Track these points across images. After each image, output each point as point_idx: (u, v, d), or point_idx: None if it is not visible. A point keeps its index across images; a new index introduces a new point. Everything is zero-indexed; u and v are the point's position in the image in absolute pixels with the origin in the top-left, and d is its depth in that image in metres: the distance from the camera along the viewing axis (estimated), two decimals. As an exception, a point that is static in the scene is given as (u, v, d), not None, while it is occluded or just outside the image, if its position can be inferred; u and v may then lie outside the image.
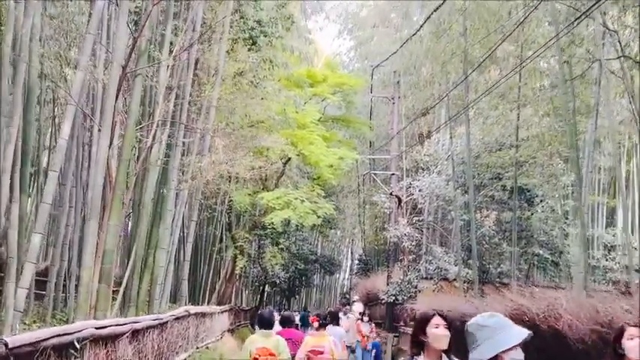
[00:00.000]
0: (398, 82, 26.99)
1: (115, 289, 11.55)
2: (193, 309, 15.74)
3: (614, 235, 25.98)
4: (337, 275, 55.71)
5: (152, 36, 12.30)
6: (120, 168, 9.40)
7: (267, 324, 7.49)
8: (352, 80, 28.84)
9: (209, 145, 15.43)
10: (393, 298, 23.72)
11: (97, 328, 6.89)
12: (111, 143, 9.15)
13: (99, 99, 11.49)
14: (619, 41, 12.87)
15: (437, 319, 3.67)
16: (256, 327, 10.14)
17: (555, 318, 9.24)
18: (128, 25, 9.47)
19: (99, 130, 9.52)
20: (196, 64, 15.28)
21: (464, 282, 21.62)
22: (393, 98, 26.89)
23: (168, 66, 11.66)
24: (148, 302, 13.87)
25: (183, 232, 18.22)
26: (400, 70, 26.81)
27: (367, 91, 30.33)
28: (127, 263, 12.68)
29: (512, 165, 22.46)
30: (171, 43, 12.52)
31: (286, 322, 8.51)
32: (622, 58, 13.16)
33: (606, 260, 24.00)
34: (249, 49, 17.39)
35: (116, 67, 9.03)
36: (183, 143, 15.47)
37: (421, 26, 16.77)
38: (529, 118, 20.78)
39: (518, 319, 10.29)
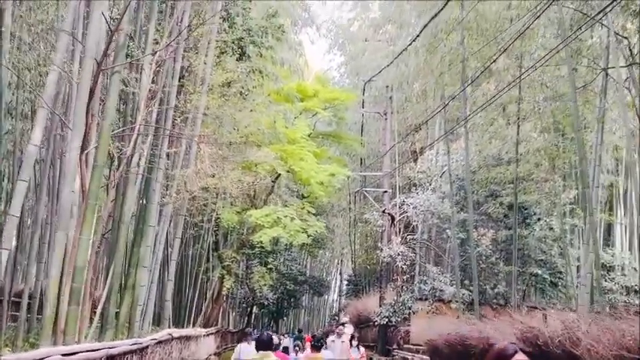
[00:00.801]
0: (390, 97, 26.32)
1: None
2: (177, 332, 14.88)
3: (612, 255, 25.21)
4: (326, 296, 54.69)
5: (134, 33, 11.50)
6: (94, 175, 8.49)
7: (266, 346, 6.52)
8: (343, 95, 28.13)
9: (195, 155, 14.52)
10: (386, 320, 22.82)
11: (64, 355, 6.03)
12: (84, 148, 8.27)
13: (74, 100, 10.63)
14: (629, 48, 12.20)
15: (520, 357, 2.79)
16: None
17: (573, 342, 8.41)
18: (106, 20, 8.65)
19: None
20: (183, 72, 14.49)
21: (460, 303, 20.81)
22: (385, 114, 26.19)
23: (151, 69, 10.84)
24: (129, 325, 12.93)
25: (167, 250, 17.28)
26: (393, 84, 26.14)
27: (359, 106, 29.64)
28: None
29: (509, 182, 21.78)
30: (156, 43, 11.71)
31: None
32: (632, 66, 12.47)
33: (605, 281, 23.22)
34: (237, 59, 16.63)
35: (89, 61, 8.18)
36: (168, 155, 14.63)
37: (416, 37, 16.09)
38: (527, 133, 20.10)
39: (531, 342, 9.47)
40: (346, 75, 38.90)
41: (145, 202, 13.25)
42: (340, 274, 51.96)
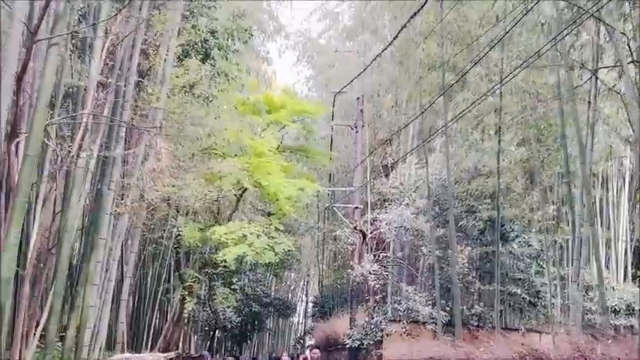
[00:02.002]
0: (361, 109, 25.26)
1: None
2: (133, 357, 13.45)
3: (590, 274, 24.39)
4: (292, 319, 53.18)
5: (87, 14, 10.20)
6: (24, 167, 7.14)
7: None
8: (312, 108, 27.06)
9: (154, 155, 13.11)
10: (358, 342, 21.50)
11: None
12: (13, 136, 6.94)
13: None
14: (628, 45, 11.31)
15: None
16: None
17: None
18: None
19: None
20: (142, 69, 13.23)
21: (435, 324, 19.72)
22: (356, 127, 25.10)
23: (101, 55, 9.56)
24: (75, 350, 11.47)
25: (123, 267, 15.82)
26: (364, 96, 25.12)
27: (328, 120, 28.60)
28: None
29: (486, 197, 20.88)
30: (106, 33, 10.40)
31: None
32: (629, 66, 11.57)
33: (585, 301, 22.38)
34: (201, 60, 15.42)
35: (17, 26, 6.86)
36: (124, 161, 13.28)
37: (392, 41, 15.11)
38: (506, 144, 19.23)
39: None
40: (315, 88, 37.91)
41: (95, 211, 11.83)
42: (306, 295, 50.68)
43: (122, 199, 12.79)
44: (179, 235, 21.93)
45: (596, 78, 13.10)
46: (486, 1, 15.45)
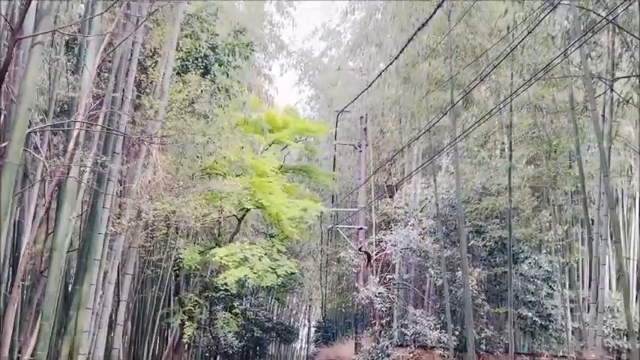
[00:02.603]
0: (365, 128, 24.81)
1: None
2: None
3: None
4: (294, 344, 52.22)
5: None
6: (4, 176, 6.55)
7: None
8: (315, 127, 26.53)
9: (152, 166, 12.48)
10: (364, 368, 20.84)
11: None
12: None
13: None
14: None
15: None
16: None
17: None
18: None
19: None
20: (139, 83, 12.72)
21: (445, 349, 19.05)
22: (359, 146, 24.64)
23: (96, 58, 9.03)
24: (67, 378, 10.81)
25: (119, 291, 15.15)
26: (368, 115, 24.68)
27: (330, 139, 28.12)
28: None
29: (495, 216, 20.32)
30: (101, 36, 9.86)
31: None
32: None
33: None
34: (201, 75, 14.93)
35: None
36: (121, 181, 12.72)
37: (399, 54, 14.62)
38: (515, 161, 18.67)
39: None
40: (317, 108, 37.51)
41: (89, 230, 11.23)
42: (309, 320, 49.91)
43: (118, 218, 12.18)
44: (179, 257, 21.30)
45: (612, 90, 12.56)
46: (496, 12, 14.98)
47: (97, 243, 11.39)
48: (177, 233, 19.86)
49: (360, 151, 24.51)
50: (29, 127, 7.53)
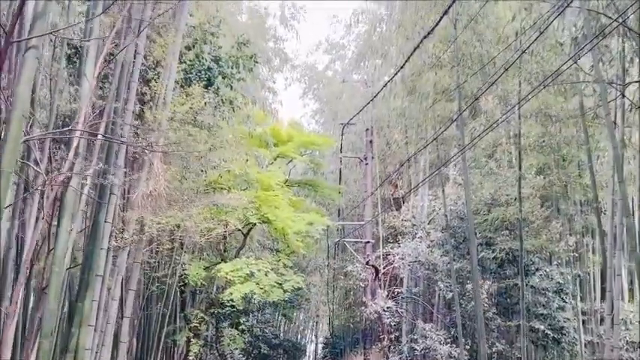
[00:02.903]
0: (370, 141, 24.56)
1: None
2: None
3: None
4: (301, 361, 51.72)
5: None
6: (-2, 185, 6.31)
7: None
8: (320, 140, 26.30)
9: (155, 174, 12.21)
10: (373, 384, 20.51)
11: None
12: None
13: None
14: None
15: None
16: None
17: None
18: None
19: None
20: (141, 95, 12.52)
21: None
22: (365, 158, 24.38)
23: (97, 63, 8.81)
24: (69, 397, 10.51)
25: (122, 307, 14.88)
26: (373, 127, 24.46)
27: (336, 153, 27.89)
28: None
29: (504, 228, 20.00)
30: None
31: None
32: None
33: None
34: (205, 88, 14.72)
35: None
36: (125, 196, 12.47)
37: (405, 62, 14.41)
38: (524, 171, 18.36)
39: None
40: (322, 122, 37.34)
41: (91, 245, 10.97)
42: (316, 336, 49.43)
43: (121, 233, 11.93)
44: (184, 273, 21.01)
45: (623, 96, 12.29)
46: (503, 19, 14.77)
47: (100, 258, 11.14)
48: (182, 249, 19.57)
49: (366, 164, 24.25)
50: (25, 136, 7.33)
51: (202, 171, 17.45)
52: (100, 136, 9.29)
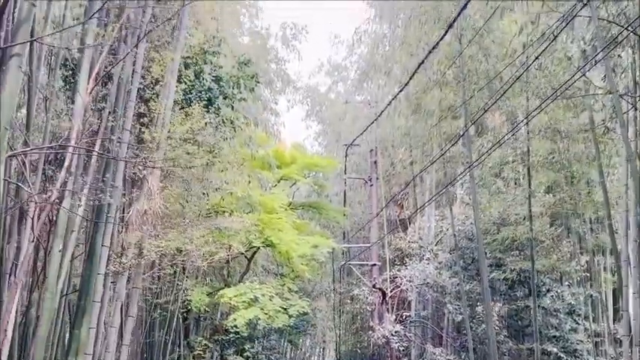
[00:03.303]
0: (375, 161, 24.17)
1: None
2: None
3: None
4: (308, 389, 50.89)
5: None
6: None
7: None
8: (324, 162, 25.98)
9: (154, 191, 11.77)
10: (383, 412, 19.91)
11: None
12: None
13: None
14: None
15: None
16: None
17: None
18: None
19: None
20: (138, 115, 12.19)
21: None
22: (370, 180, 23.96)
23: (91, 74, 8.46)
24: None
25: (122, 333, 14.42)
26: (378, 147, 24.09)
27: (340, 174, 27.52)
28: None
29: (514, 248, 19.54)
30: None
31: None
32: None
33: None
34: (205, 108, 14.40)
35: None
36: (122, 219, 12.07)
37: (406, 84, 14.07)
38: (534, 189, 17.93)
39: None
40: (325, 144, 37.07)
41: (87, 270, 10.56)
42: (323, 363, 48.81)
43: (120, 257, 11.51)
44: (187, 299, 20.54)
45: (636, 109, 11.89)
46: (509, 33, 14.45)
47: (97, 284, 10.72)
48: (184, 274, 19.16)
49: (371, 185, 23.83)
50: (11, 151, 6.97)
51: (204, 194, 17.04)
52: (94, 153, 8.90)
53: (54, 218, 8.85)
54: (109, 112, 9.97)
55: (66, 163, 8.06)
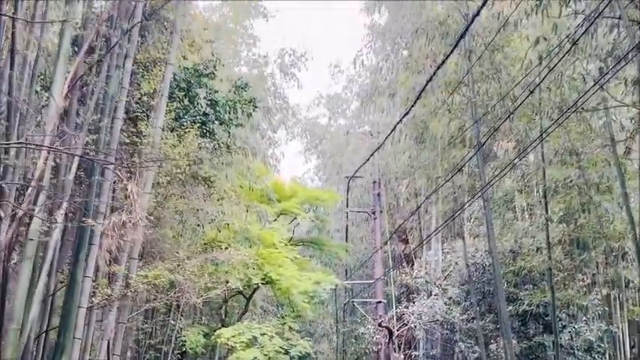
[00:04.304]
0: (378, 194, 23.24)
1: None
2: None
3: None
4: None
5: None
6: None
7: None
8: (325, 195, 25.11)
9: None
10: None
11: None
12: None
13: None
14: None
15: None
16: None
17: None
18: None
19: None
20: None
21: None
22: (373, 212, 22.98)
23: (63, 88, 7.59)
24: None
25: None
26: (381, 179, 23.20)
27: (342, 209, 26.61)
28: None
29: (527, 282, 18.51)
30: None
31: None
32: None
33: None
34: (199, 131, 13.59)
35: None
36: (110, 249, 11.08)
37: (413, 105, 13.19)
38: (548, 218, 16.97)
39: None
40: (325, 178, 36.21)
41: (67, 304, 9.52)
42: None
43: (105, 288, 10.47)
44: (182, 340, 19.43)
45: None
46: (520, 49, 13.69)
47: (78, 318, 9.66)
48: (178, 312, 18.08)
49: (375, 219, 22.84)
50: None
51: (199, 225, 16.10)
52: (76, 154, 7.93)
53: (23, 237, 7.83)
54: (89, 130, 9.06)
55: (36, 175, 7.06)
